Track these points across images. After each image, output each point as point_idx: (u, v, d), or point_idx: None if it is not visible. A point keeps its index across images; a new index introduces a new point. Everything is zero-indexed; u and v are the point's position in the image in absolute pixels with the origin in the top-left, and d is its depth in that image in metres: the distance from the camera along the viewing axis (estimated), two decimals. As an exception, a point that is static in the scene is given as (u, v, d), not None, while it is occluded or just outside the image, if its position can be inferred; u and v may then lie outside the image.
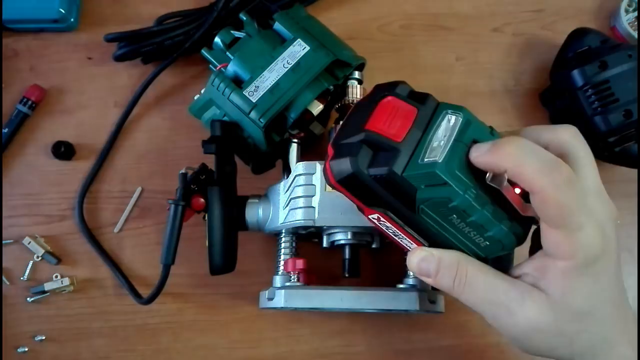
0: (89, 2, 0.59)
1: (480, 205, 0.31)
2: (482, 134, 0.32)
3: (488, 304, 0.33)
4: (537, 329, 0.32)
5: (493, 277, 0.33)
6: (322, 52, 0.47)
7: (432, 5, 0.60)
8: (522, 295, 0.32)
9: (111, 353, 0.51)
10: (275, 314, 0.52)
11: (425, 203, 0.31)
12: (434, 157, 0.30)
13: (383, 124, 0.32)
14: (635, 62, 0.49)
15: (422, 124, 0.32)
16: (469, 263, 0.33)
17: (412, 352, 0.51)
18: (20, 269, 0.53)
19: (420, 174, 0.30)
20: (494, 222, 0.31)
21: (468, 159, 0.31)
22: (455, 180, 0.30)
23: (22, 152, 0.56)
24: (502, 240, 0.32)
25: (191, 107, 0.49)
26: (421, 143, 0.31)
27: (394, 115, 0.32)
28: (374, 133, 0.32)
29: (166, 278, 0.46)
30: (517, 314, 0.32)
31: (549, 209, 0.30)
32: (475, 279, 0.33)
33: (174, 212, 0.46)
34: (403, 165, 0.31)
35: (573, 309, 0.31)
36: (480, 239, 0.32)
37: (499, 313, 0.33)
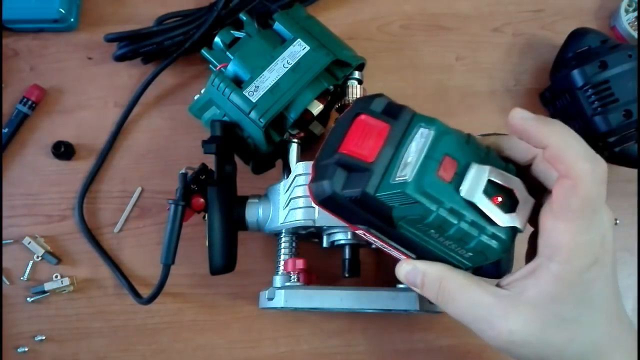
0: (89, 2, 0.59)
1: (456, 220, 0.31)
2: (456, 145, 0.32)
3: (471, 318, 0.33)
4: (524, 341, 0.31)
5: (475, 291, 0.33)
6: (322, 52, 0.47)
7: (432, 5, 0.59)
8: (505, 310, 0.31)
9: (111, 353, 0.51)
10: (275, 314, 0.52)
11: (402, 220, 0.31)
12: (404, 176, 0.30)
13: (355, 145, 0.32)
14: (635, 62, 0.49)
15: (395, 140, 0.32)
16: (452, 277, 0.33)
17: (412, 352, 0.51)
18: (20, 269, 0.53)
19: (392, 194, 0.31)
20: (472, 235, 0.31)
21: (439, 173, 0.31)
22: (427, 197, 0.30)
23: (22, 152, 0.56)
24: (484, 251, 0.32)
25: (191, 107, 0.49)
26: (393, 161, 0.31)
27: (366, 135, 0.32)
28: (346, 155, 0.32)
29: (166, 278, 0.46)
30: (501, 328, 0.31)
31: (577, 198, 0.29)
32: (457, 294, 0.33)
33: (174, 212, 0.46)
34: (375, 185, 0.31)
35: (561, 316, 0.31)
36: (462, 250, 0.32)
37: (482, 328, 0.32)
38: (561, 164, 0.29)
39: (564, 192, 0.29)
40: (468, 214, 0.31)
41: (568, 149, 0.29)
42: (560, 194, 0.30)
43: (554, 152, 0.29)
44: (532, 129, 0.30)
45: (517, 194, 0.32)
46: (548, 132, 0.29)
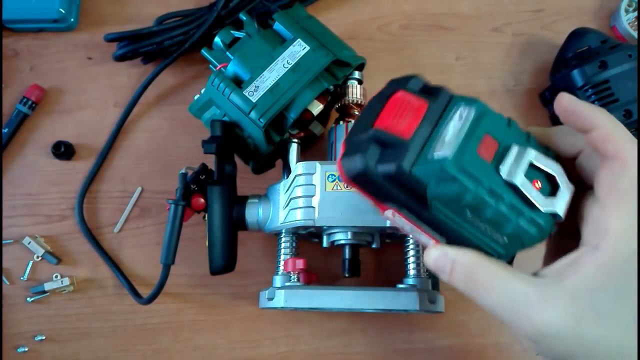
0: (89, 2, 0.59)
1: (494, 201, 0.29)
2: (497, 126, 0.31)
3: (504, 308, 0.31)
4: (557, 334, 0.30)
5: (511, 280, 0.31)
6: (322, 52, 0.47)
7: (432, 5, 0.60)
8: (542, 299, 0.30)
9: (111, 353, 0.51)
10: (275, 314, 0.52)
11: (436, 199, 0.30)
12: (444, 152, 0.29)
13: (392, 120, 0.31)
14: (635, 62, 0.49)
15: (433, 118, 0.31)
16: (485, 265, 0.31)
17: (412, 352, 0.51)
18: (20, 269, 0.53)
19: (429, 170, 0.29)
20: (510, 218, 0.30)
21: (480, 152, 0.30)
22: (466, 175, 0.29)
23: (22, 152, 0.56)
24: (521, 236, 0.31)
25: (191, 107, 0.49)
26: (431, 138, 0.30)
27: (404, 111, 0.31)
28: (382, 130, 0.31)
29: (166, 278, 0.46)
30: (536, 318, 0.30)
31: (627, 178, 0.29)
32: (491, 282, 0.31)
33: (174, 212, 0.46)
34: (411, 161, 0.30)
35: (598, 310, 0.29)
36: (497, 235, 0.31)
37: (516, 318, 0.31)
38: (611, 144, 0.29)
39: (613, 173, 0.29)
40: (507, 196, 0.30)
41: (617, 131, 0.29)
42: (608, 176, 0.30)
43: (604, 132, 0.30)
44: (583, 109, 0.30)
45: (557, 180, 0.31)
46: (598, 114, 0.30)
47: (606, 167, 0.30)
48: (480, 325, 0.51)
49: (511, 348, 0.51)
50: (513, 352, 0.51)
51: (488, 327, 0.51)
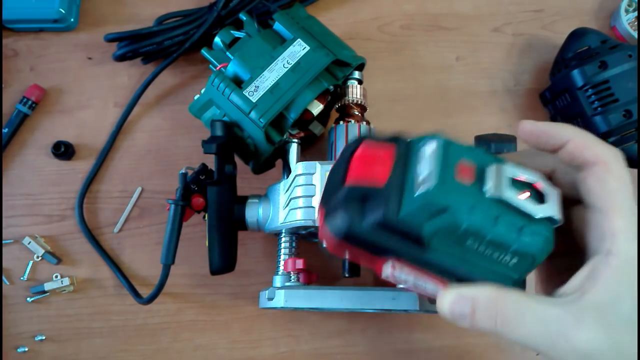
0: (89, 2, 0.59)
1: (492, 222, 0.28)
2: (467, 151, 0.30)
3: (541, 337, 0.29)
4: (599, 351, 0.28)
5: (540, 305, 0.29)
6: (322, 52, 0.47)
7: (432, 5, 0.60)
8: (576, 318, 0.28)
9: (111, 353, 0.51)
10: (275, 314, 0.52)
11: (434, 237, 0.29)
12: (426, 186, 0.28)
13: (362, 172, 0.30)
14: (635, 62, 0.49)
15: (402, 160, 0.30)
16: (508, 297, 0.29)
17: (412, 352, 0.51)
18: (20, 269, 0.53)
19: (417, 208, 0.28)
20: (512, 235, 0.29)
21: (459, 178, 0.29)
22: (456, 201, 0.28)
23: (22, 152, 0.56)
24: (530, 250, 0.29)
25: (191, 107, 0.49)
26: (407, 179, 0.30)
27: (371, 161, 0.31)
28: (355, 186, 0.30)
29: (166, 278, 0.46)
30: (576, 339, 0.28)
31: (613, 179, 0.29)
32: (520, 312, 0.29)
33: (173, 212, 0.46)
34: (396, 205, 0.29)
35: (627, 317, 0.28)
36: (506, 257, 0.30)
37: (556, 343, 0.29)
38: (589, 150, 0.30)
39: (600, 177, 0.29)
40: (502, 213, 0.29)
41: (588, 138, 0.30)
42: (596, 182, 0.29)
43: (579, 142, 0.30)
44: (549, 129, 0.31)
45: (541, 186, 0.30)
46: (564, 129, 0.30)
47: (590, 174, 0.29)
48: (480, 325, 0.51)
49: (511, 348, 0.51)
50: (513, 352, 0.51)
51: (488, 327, 0.51)
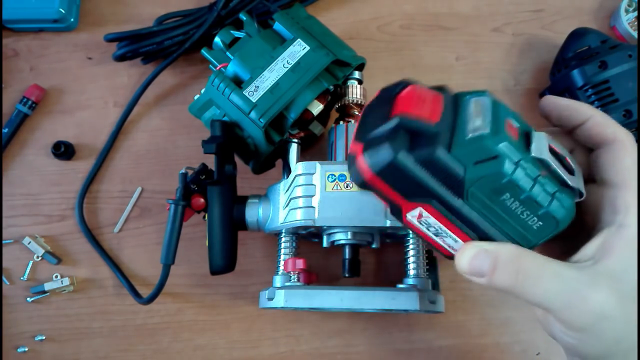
0: (89, 2, 0.59)
1: (532, 179, 0.29)
2: (510, 113, 0.31)
3: (558, 297, 0.30)
4: (610, 314, 0.29)
5: (559, 266, 0.30)
6: (322, 52, 0.47)
7: (432, 5, 0.60)
8: (592, 281, 0.29)
9: (111, 353, 0.51)
10: (275, 314, 0.52)
11: (475, 184, 0.29)
12: (480, 130, 0.28)
13: (413, 108, 0.29)
14: (635, 62, 0.49)
15: (451, 107, 0.30)
16: (530, 255, 0.30)
17: (412, 352, 0.51)
18: (20, 269, 0.53)
19: (468, 150, 0.28)
20: (547, 195, 0.29)
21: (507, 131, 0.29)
22: (506, 152, 0.28)
23: (22, 152, 0.56)
24: (556, 215, 0.30)
25: (191, 107, 0.49)
26: (458, 124, 0.29)
27: (422, 100, 0.30)
28: (407, 117, 0.29)
29: (166, 278, 0.46)
30: (591, 299, 0.29)
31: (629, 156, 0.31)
32: (541, 270, 0.30)
33: (174, 212, 0.46)
34: (447, 144, 0.29)
35: (632, 286, 0.29)
36: (533, 219, 0.30)
37: (572, 302, 0.30)
38: (608, 128, 0.32)
39: (616, 154, 0.32)
40: (541, 175, 0.29)
41: (607, 118, 0.32)
42: (613, 158, 0.32)
43: (599, 120, 0.32)
44: (572, 104, 0.33)
45: (570, 161, 0.31)
46: (586, 107, 0.33)
47: (608, 151, 0.32)
48: (481, 325, 0.51)
49: (511, 348, 0.51)
50: (513, 352, 0.51)
51: (488, 327, 0.51)
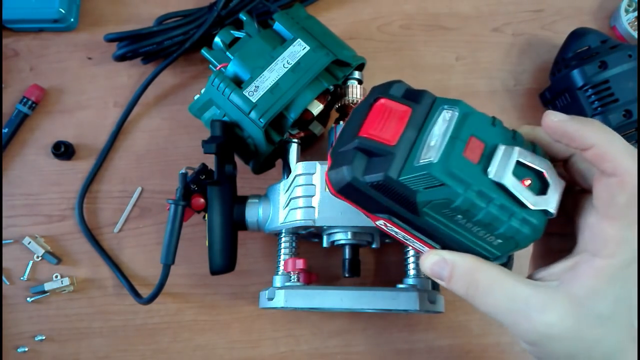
0: (89, 2, 0.59)
1: (485, 203, 0.29)
2: (482, 127, 0.31)
3: (506, 312, 0.32)
4: (558, 335, 0.30)
5: (512, 283, 0.31)
6: (322, 52, 0.47)
7: (432, 5, 0.60)
8: (543, 302, 0.31)
9: (111, 353, 0.51)
10: (275, 314, 0.52)
11: (427, 206, 0.30)
12: (429, 158, 0.29)
13: (376, 128, 0.31)
14: (635, 62, 0.49)
15: (417, 123, 0.31)
16: (485, 269, 0.32)
17: (412, 352, 0.51)
18: (20, 269, 0.53)
19: (416, 177, 0.29)
20: (501, 219, 0.30)
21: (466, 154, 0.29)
22: (454, 179, 0.29)
23: (22, 152, 0.56)
24: (515, 237, 0.30)
25: (191, 107, 0.49)
26: (416, 144, 0.30)
27: (387, 118, 0.31)
28: (367, 139, 0.31)
29: (166, 278, 0.46)
30: (537, 320, 0.30)
31: (624, 194, 0.29)
32: (492, 286, 0.31)
33: (174, 212, 0.46)
34: (398, 169, 0.30)
35: (596, 313, 0.30)
36: (491, 237, 0.31)
37: (517, 320, 0.31)
38: (608, 162, 0.29)
39: (610, 189, 0.29)
40: (497, 197, 0.29)
41: (613, 147, 0.29)
42: (605, 192, 0.29)
43: (600, 151, 0.29)
44: (572, 130, 0.30)
45: (547, 176, 0.30)
46: (590, 132, 0.29)
47: (604, 183, 0.30)
48: (481, 325, 0.51)
49: (512, 348, 0.51)
50: (513, 352, 0.51)
51: (488, 327, 0.51)
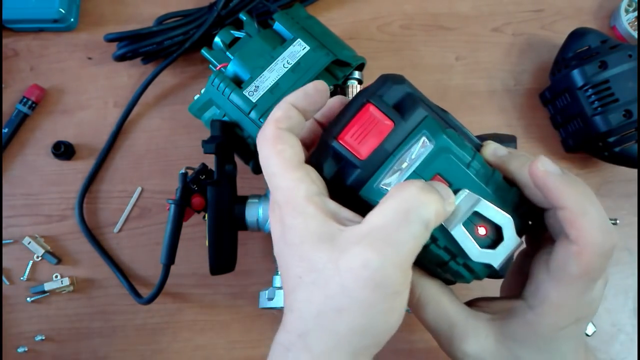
0: (89, 2, 0.59)
1: (430, 241, 0.29)
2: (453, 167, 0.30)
3: (432, 330, 0.33)
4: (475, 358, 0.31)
5: (444, 306, 0.32)
6: (322, 52, 0.47)
7: (432, 5, 0.60)
8: (466, 332, 0.31)
9: (111, 353, 0.51)
10: (275, 314, 0.52)
11: None
12: (388, 186, 0.29)
13: (352, 136, 0.31)
14: (635, 62, 0.49)
15: (394, 142, 0.30)
16: (425, 285, 0.32)
17: (412, 352, 0.51)
18: (20, 269, 0.53)
19: (371, 199, 0.30)
20: (444, 259, 0.30)
21: None
22: None
23: (22, 152, 0.56)
24: (455, 276, 0.31)
25: (191, 107, 0.49)
26: (386, 164, 0.30)
27: (367, 128, 0.31)
28: (341, 145, 0.30)
29: (166, 278, 0.46)
30: (456, 347, 0.31)
31: (578, 266, 0.28)
32: (425, 303, 0.32)
33: (174, 212, 0.46)
34: (359, 184, 0.30)
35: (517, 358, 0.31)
36: (436, 268, 0.32)
37: (440, 341, 0.33)
38: (574, 230, 0.28)
39: (567, 256, 0.28)
40: (442, 240, 0.30)
41: (585, 216, 0.27)
42: (562, 257, 0.29)
43: (569, 216, 0.28)
44: (553, 186, 0.28)
45: (504, 232, 0.30)
46: (569, 194, 0.28)
47: (564, 247, 0.29)
48: (480, 325, 0.51)
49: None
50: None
51: (488, 327, 0.51)
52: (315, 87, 0.31)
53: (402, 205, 0.27)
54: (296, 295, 0.28)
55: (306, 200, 0.28)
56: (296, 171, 0.29)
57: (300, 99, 0.31)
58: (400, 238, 0.26)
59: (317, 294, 0.27)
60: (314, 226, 0.28)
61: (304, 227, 0.28)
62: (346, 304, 0.26)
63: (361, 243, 0.26)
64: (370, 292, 0.26)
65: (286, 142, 0.30)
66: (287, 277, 0.29)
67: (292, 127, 0.31)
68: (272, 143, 0.30)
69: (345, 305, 0.26)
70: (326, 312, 0.27)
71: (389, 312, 0.27)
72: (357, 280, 0.26)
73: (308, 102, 0.31)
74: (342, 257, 0.27)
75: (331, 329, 0.27)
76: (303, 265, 0.28)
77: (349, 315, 0.26)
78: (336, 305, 0.27)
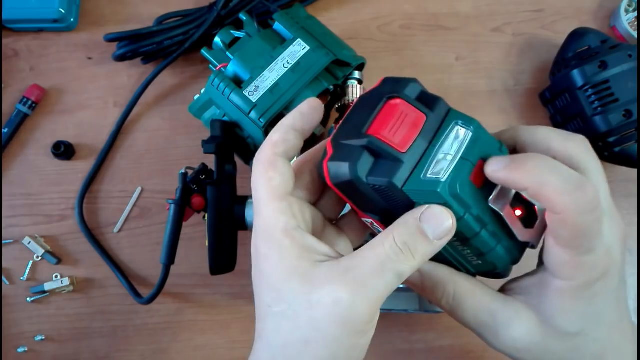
0: (89, 2, 0.59)
1: (479, 227, 0.30)
2: (491, 151, 0.31)
3: (475, 325, 0.33)
4: (525, 348, 0.31)
5: (481, 298, 0.32)
6: (322, 52, 0.47)
7: (432, 5, 0.60)
8: (509, 318, 0.31)
9: (111, 353, 0.51)
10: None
11: None
12: (438, 175, 0.29)
13: (388, 130, 0.30)
14: (635, 62, 0.49)
15: (429, 133, 0.30)
16: (457, 282, 0.32)
17: (412, 352, 0.51)
18: (20, 269, 0.53)
19: (421, 191, 0.29)
20: (490, 245, 0.30)
21: (472, 177, 0.29)
22: (457, 201, 0.29)
23: (22, 152, 0.56)
24: (496, 263, 0.31)
25: (191, 107, 0.49)
26: (426, 155, 0.30)
27: (401, 122, 0.30)
28: (378, 140, 0.30)
29: (166, 278, 0.46)
30: (504, 335, 0.32)
31: (566, 230, 0.29)
32: (463, 299, 0.32)
33: (173, 212, 0.46)
34: (404, 178, 0.29)
35: (563, 330, 0.31)
36: (473, 257, 0.32)
37: (485, 334, 0.32)
38: (545, 201, 0.28)
39: (554, 225, 0.29)
40: (491, 224, 0.30)
41: (546, 186, 0.28)
42: (552, 225, 0.29)
43: (533, 193, 0.28)
44: (507, 177, 0.29)
45: (537, 211, 0.31)
46: (524, 175, 0.28)
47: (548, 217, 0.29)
48: (480, 325, 0.51)
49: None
50: (513, 352, 0.51)
51: (488, 327, 0.51)
52: (310, 105, 0.32)
53: (382, 255, 0.28)
54: (265, 323, 0.29)
55: (283, 233, 0.29)
56: (279, 202, 0.30)
57: (297, 119, 0.31)
58: (374, 284, 0.28)
59: (285, 324, 0.28)
60: (287, 259, 0.29)
61: (278, 259, 0.29)
62: (313, 336, 0.27)
63: (336, 281, 0.27)
64: (338, 328, 0.27)
65: (278, 170, 0.30)
66: (258, 303, 0.30)
67: (288, 150, 0.31)
68: (264, 168, 0.30)
69: (312, 337, 0.27)
70: (293, 343, 0.28)
71: (353, 349, 0.28)
72: (327, 315, 0.27)
73: (305, 121, 0.32)
74: (314, 292, 0.27)
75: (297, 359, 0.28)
76: (272, 296, 0.29)
77: (315, 347, 0.27)
78: (304, 337, 0.28)
